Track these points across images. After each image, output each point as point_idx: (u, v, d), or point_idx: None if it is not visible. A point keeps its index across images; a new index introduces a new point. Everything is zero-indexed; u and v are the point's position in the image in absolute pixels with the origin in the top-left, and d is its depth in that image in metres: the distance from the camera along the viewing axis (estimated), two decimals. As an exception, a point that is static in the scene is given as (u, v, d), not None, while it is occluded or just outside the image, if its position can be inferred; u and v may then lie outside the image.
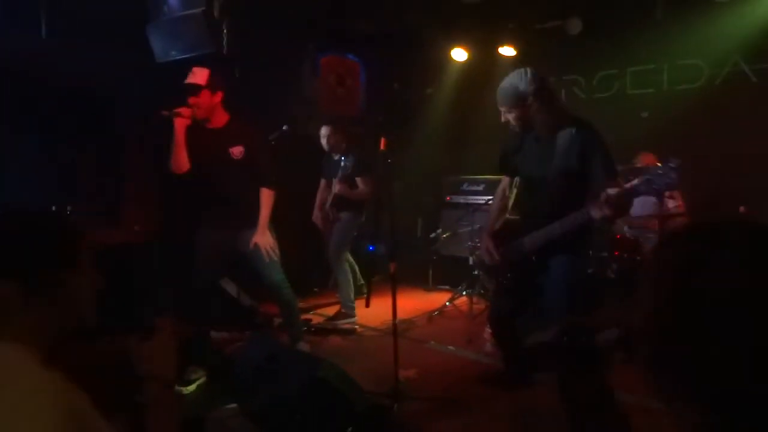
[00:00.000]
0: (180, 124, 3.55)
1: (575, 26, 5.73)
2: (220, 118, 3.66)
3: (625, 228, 5.20)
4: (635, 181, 2.45)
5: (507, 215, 3.16)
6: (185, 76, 3.60)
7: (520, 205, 3.10)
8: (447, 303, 5.44)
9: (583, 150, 2.73)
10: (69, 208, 4.05)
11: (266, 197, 3.72)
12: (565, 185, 2.76)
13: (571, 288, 2.83)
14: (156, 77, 4.54)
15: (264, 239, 3.71)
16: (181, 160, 3.60)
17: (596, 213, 2.55)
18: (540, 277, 2.90)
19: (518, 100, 2.82)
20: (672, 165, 2.34)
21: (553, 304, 2.84)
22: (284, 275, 3.87)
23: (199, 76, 3.56)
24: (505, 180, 3.27)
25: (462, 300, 5.42)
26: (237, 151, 3.63)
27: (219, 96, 3.61)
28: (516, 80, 2.83)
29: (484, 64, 6.61)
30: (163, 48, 4.44)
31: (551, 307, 2.85)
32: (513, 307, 3.09)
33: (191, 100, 3.53)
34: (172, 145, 3.57)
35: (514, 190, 3.14)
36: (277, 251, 3.80)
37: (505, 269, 3.07)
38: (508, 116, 2.88)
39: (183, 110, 3.54)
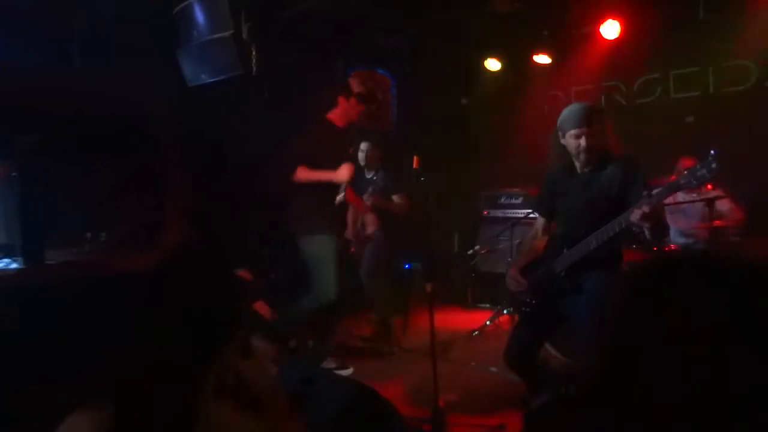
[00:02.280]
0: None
1: (612, 30, 5.68)
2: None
3: (677, 238, 5.11)
4: (676, 179, 2.46)
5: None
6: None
7: (556, 233, 3.11)
8: (487, 322, 5.40)
9: (626, 176, 2.78)
10: (103, 234, 4.18)
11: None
12: (604, 211, 2.76)
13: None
14: (187, 100, 4.68)
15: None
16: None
17: (634, 215, 2.50)
18: (570, 300, 2.85)
19: (596, 115, 2.87)
20: (712, 156, 2.32)
21: (583, 324, 2.73)
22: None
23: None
24: (539, 221, 3.27)
25: (503, 318, 5.38)
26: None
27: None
28: (586, 103, 2.94)
29: (519, 73, 6.61)
30: (193, 71, 4.59)
31: (580, 330, 2.79)
32: (533, 339, 3.06)
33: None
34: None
35: (547, 237, 3.17)
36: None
37: (530, 296, 3.05)
38: (582, 139, 2.83)
39: None
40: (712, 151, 2.35)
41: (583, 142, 2.84)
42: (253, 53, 4.49)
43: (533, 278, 3.04)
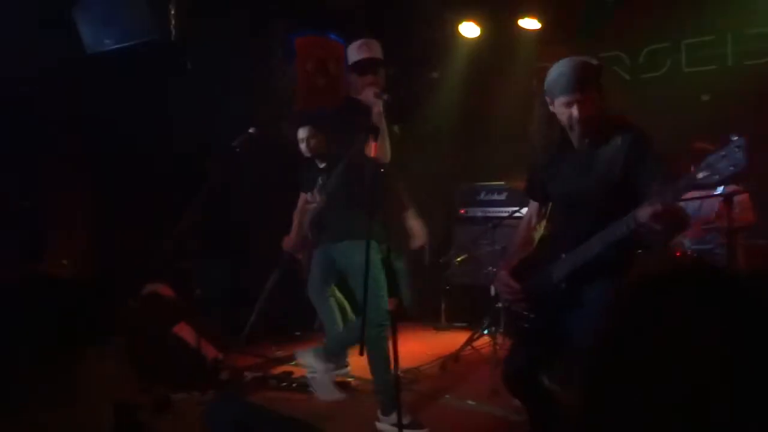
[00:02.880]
0: (377, 111, 3.96)
1: (614, -11, 5.79)
2: None
3: (686, 242, 5.22)
4: (693, 172, 2.37)
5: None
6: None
7: (551, 230, 3.12)
8: (465, 345, 5.43)
9: (630, 156, 2.74)
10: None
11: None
12: (607, 200, 2.74)
13: None
14: (85, 73, 4.59)
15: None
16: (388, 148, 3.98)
17: (644, 213, 2.48)
18: (572, 315, 2.87)
19: (592, 76, 2.81)
20: (737, 144, 2.24)
21: (585, 344, 2.78)
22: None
23: (375, 49, 4.11)
24: (532, 206, 3.28)
25: (483, 341, 5.42)
26: None
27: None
28: (580, 61, 2.83)
29: (502, 41, 6.66)
30: (94, 36, 4.49)
31: (581, 350, 2.81)
32: (535, 359, 3.07)
33: (371, 79, 4.03)
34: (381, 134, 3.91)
35: (543, 222, 3.16)
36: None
37: (527, 308, 3.06)
38: (574, 109, 2.78)
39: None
40: (734, 137, 2.26)
41: (575, 112, 2.79)
42: (172, 13, 4.42)
43: (528, 286, 3.05)
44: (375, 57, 4.09)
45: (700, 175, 2.34)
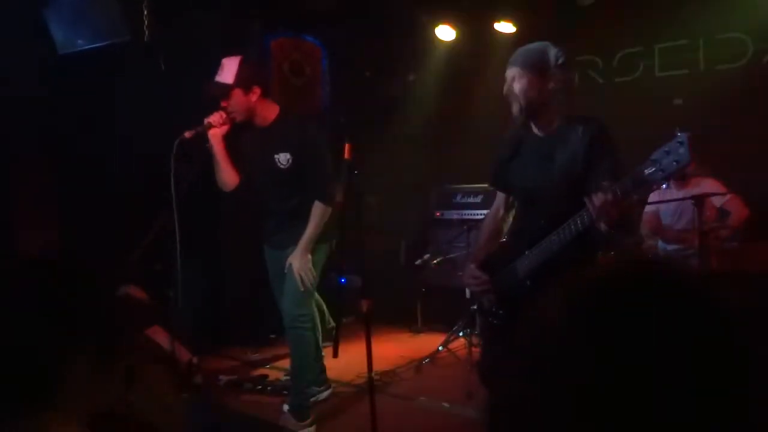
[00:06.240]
0: (215, 135, 3.82)
1: (588, -6, 5.83)
2: (268, 114, 3.91)
3: (659, 244, 5.27)
4: (640, 168, 2.41)
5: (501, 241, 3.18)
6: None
7: (515, 224, 3.12)
8: (440, 347, 5.45)
9: (591, 150, 2.75)
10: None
11: (317, 212, 3.90)
12: (567, 194, 2.75)
13: None
14: (54, 71, 4.54)
15: (300, 262, 3.89)
16: (227, 175, 3.93)
17: (596, 201, 2.50)
18: None
19: (539, 64, 2.84)
20: (679, 140, 2.27)
21: None
22: (309, 312, 4.09)
23: (226, 72, 3.80)
24: (499, 198, 3.29)
25: (459, 343, 5.43)
26: (284, 157, 3.87)
27: (257, 92, 3.83)
28: (545, 45, 2.88)
29: (477, 45, 6.68)
30: (66, 36, 4.46)
31: None
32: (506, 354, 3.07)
33: (223, 103, 3.80)
34: (213, 161, 3.89)
35: (512, 212, 3.17)
36: (310, 279, 3.96)
37: (495, 302, 3.07)
38: (515, 85, 2.86)
39: (213, 119, 3.77)
40: (678, 133, 2.27)
41: (505, 87, 2.88)
42: (145, 13, 4.40)
43: (496, 281, 3.05)
44: (221, 81, 3.82)
45: (646, 172, 2.37)
